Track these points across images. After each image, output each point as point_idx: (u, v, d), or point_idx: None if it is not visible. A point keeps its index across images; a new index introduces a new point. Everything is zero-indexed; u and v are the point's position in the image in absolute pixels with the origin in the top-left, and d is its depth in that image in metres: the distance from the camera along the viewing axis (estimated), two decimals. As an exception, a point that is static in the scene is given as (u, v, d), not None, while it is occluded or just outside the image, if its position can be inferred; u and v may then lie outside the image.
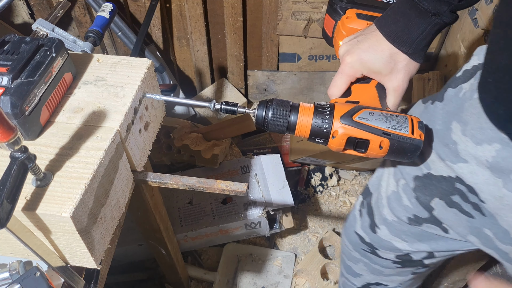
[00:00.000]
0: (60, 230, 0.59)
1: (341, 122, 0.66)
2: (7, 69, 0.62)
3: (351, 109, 0.67)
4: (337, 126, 0.66)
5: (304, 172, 1.87)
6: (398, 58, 0.69)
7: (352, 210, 1.04)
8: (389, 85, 0.71)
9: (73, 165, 0.61)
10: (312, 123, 0.67)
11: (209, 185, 0.75)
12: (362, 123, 0.65)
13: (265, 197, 1.50)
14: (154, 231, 1.13)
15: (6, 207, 0.51)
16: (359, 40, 0.71)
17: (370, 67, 0.70)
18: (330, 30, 0.83)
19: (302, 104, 0.69)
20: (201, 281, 1.59)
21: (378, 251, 0.95)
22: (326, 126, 0.66)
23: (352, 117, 0.66)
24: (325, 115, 0.67)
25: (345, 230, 1.06)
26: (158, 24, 1.78)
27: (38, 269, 0.62)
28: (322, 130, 0.66)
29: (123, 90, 0.72)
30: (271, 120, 0.68)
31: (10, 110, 0.60)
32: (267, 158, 1.64)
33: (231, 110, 0.70)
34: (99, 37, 0.94)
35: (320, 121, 0.66)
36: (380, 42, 0.69)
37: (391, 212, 0.87)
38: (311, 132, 0.67)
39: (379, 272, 1.02)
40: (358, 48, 0.70)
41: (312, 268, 1.56)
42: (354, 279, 1.11)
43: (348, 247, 1.06)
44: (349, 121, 0.66)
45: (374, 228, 0.93)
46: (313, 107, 0.68)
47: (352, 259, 1.07)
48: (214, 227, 1.48)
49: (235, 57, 1.88)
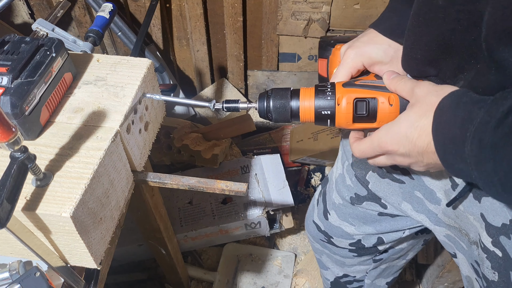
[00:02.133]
0: (60, 230, 0.59)
1: (344, 88, 0.64)
2: (7, 69, 0.62)
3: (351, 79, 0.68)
4: (341, 92, 0.64)
5: (304, 172, 1.87)
6: (398, 47, 0.70)
7: (312, 200, 1.09)
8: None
9: (73, 165, 0.61)
10: (315, 103, 0.65)
11: (209, 185, 0.75)
12: (365, 84, 0.65)
13: (265, 197, 1.50)
14: (154, 231, 1.13)
15: (6, 207, 0.51)
16: (359, 37, 0.74)
17: (372, 57, 0.71)
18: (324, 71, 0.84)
19: (302, 88, 0.67)
20: (201, 281, 1.59)
21: (333, 240, 1.00)
22: (330, 95, 0.64)
23: (355, 82, 0.66)
24: (326, 89, 0.65)
25: (306, 221, 1.11)
26: (158, 24, 1.78)
27: (38, 269, 0.62)
28: (326, 100, 0.64)
29: (123, 90, 0.72)
30: (273, 110, 0.66)
31: (10, 110, 0.60)
32: (267, 158, 1.64)
33: (233, 108, 0.69)
34: (99, 37, 0.94)
35: (323, 96, 0.64)
36: (379, 37, 0.72)
37: (338, 195, 0.93)
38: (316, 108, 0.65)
39: (341, 263, 1.07)
40: (359, 42, 0.73)
41: (312, 268, 1.56)
42: (326, 272, 1.16)
43: (310, 239, 1.11)
44: (352, 85, 0.65)
45: (326, 215, 0.99)
46: (313, 88, 0.67)
47: (317, 252, 1.12)
48: (214, 227, 1.48)
49: (235, 57, 1.88)
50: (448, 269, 1.32)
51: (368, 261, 1.04)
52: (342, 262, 1.06)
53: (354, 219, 0.93)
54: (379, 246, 0.97)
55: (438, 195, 0.73)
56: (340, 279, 1.13)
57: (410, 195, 0.79)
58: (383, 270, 1.09)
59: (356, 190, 0.88)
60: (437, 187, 0.72)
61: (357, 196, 0.88)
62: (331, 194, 0.96)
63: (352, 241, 0.98)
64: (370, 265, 1.06)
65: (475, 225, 0.66)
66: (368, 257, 1.03)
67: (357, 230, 0.94)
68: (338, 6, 1.66)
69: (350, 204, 0.91)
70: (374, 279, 1.11)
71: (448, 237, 0.77)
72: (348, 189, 0.89)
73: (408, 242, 1.00)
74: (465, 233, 0.70)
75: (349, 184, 0.89)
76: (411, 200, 0.79)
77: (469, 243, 0.70)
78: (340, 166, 0.93)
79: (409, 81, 0.60)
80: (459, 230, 0.72)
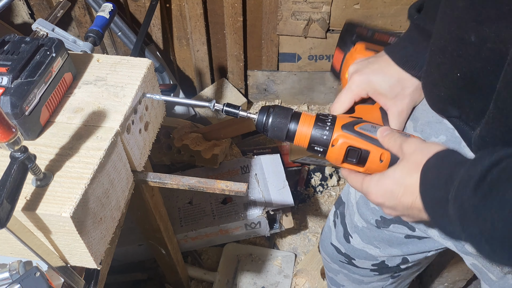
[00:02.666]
0: (60, 230, 0.59)
1: (342, 131, 0.65)
2: (7, 69, 0.62)
3: (353, 120, 0.67)
4: (337, 134, 0.65)
5: (304, 172, 1.87)
6: (406, 84, 0.69)
7: (327, 222, 1.05)
8: (394, 109, 0.70)
9: (73, 165, 0.61)
10: (312, 132, 0.66)
11: (209, 185, 0.75)
12: (364, 133, 0.64)
13: (265, 197, 1.50)
14: (154, 231, 1.13)
15: (6, 207, 0.51)
16: (370, 62, 0.72)
17: (377, 88, 0.70)
18: (338, 64, 0.83)
19: (304, 113, 0.68)
20: (201, 281, 1.59)
21: (355, 261, 0.97)
22: (327, 133, 0.65)
23: (354, 126, 0.65)
24: (326, 123, 0.66)
25: (322, 242, 1.08)
26: (158, 24, 1.78)
27: (38, 269, 0.62)
28: (322, 137, 0.65)
29: (123, 90, 0.72)
30: (270, 127, 0.67)
31: (10, 110, 0.60)
32: (267, 158, 1.64)
33: (232, 113, 0.69)
34: (99, 37, 0.94)
35: (321, 130, 0.65)
36: (390, 66, 0.69)
37: (361, 218, 0.89)
38: (311, 139, 0.66)
39: (359, 281, 1.04)
40: (368, 68, 0.70)
41: (312, 268, 1.56)
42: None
43: (326, 259, 1.07)
44: (351, 130, 0.65)
45: (348, 238, 0.95)
46: (314, 117, 0.67)
47: (332, 271, 1.08)
48: (214, 227, 1.48)
49: (235, 57, 1.88)
50: (448, 269, 1.32)
51: (387, 278, 1.01)
52: (361, 280, 1.03)
53: (380, 242, 0.89)
54: (402, 265, 0.94)
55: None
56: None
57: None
58: (399, 284, 1.06)
59: (381, 213, 0.84)
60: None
61: (383, 219, 0.84)
62: (353, 217, 0.92)
63: (375, 262, 0.94)
64: (388, 281, 1.02)
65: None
66: (388, 275, 0.99)
67: (382, 252, 0.90)
68: (338, 6, 1.66)
69: (375, 228, 0.87)
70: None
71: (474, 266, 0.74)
72: (373, 212, 0.85)
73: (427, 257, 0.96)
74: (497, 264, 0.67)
75: (373, 207, 0.85)
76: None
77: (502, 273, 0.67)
78: None
79: (399, 138, 0.61)
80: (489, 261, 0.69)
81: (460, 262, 1.27)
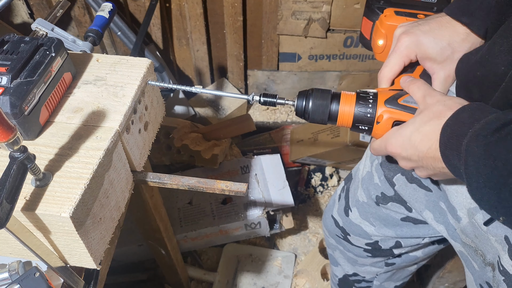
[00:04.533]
0: (60, 230, 0.59)
1: (386, 106, 0.63)
2: (6, 69, 0.62)
3: (396, 93, 0.65)
4: (381, 110, 0.63)
5: (304, 172, 1.86)
6: (457, 47, 0.66)
7: (333, 195, 1.08)
8: (441, 73, 0.68)
9: (73, 165, 0.61)
10: (354, 111, 0.64)
11: (209, 185, 0.75)
12: (409, 105, 0.63)
13: (265, 197, 1.50)
14: (154, 231, 1.13)
15: (5, 207, 0.51)
16: (420, 23, 0.69)
17: (426, 51, 0.67)
18: (368, 33, 0.81)
19: (343, 92, 0.66)
20: (201, 281, 1.59)
21: (350, 237, 0.99)
22: (370, 111, 0.63)
23: (398, 100, 0.64)
24: (368, 101, 0.64)
25: (324, 215, 1.10)
26: (158, 24, 1.77)
27: (37, 269, 0.61)
28: (366, 115, 0.64)
29: (122, 90, 0.72)
30: (311, 111, 0.65)
31: (10, 110, 0.59)
32: (267, 158, 1.64)
33: (270, 102, 0.68)
34: (98, 37, 0.93)
35: (364, 108, 0.64)
36: (442, 28, 0.67)
37: (363, 193, 0.91)
38: (354, 119, 0.65)
39: (353, 261, 1.06)
40: (418, 30, 0.67)
41: (312, 269, 1.56)
42: (336, 268, 1.15)
43: (325, 233, 1.10)
44: (395, 104, 0.63)
45: (347, 211, 0.97)
46: (355, 95, 0.66)
47: (331, 247, 1.11)
48: (214, 228, 1.48)
49: (235, 57, 1.88)
50: (448, 269, 1.32)
51: (380, 264, 1.03)
52: (355, 260, 1.05)
53: (376, 219, 0.91)
54: (395, 249, 0.96)
55: (459, 213, 0.71)
56: (349, 277, 1.12)
57: (434, 205, 0.77)
58: (393, 274, 1.08)
59: (383, 189, 0.86)
60: (460, 205, 0.70)
61: (384, 195, 0.86)
62: (356, 191, 0.94)
63: (369, 241, 0.96)
64: (382, 268, 1.04)
65: (495, 247, 0.64)
66: (381, 259, 1.02)
67: (376, 231, 0.92)
68: (338, 5, 1.66)
69: (374, 204, 0.90)
70: (383, 281, 1.10)
71: (460, 253, 0.76)
72: (375, 188, 0.88)
73: (423, 250, 0.99)
74: (481, 254, 0.68)
75: (376, 183, 0.87)
76: (434, 210, 0.78)
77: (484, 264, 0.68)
78: (368, 164, 0.91)
79: (422, 87, 0.61)
80: (474, 250, 0.70)
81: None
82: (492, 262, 0.66)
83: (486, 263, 0.68)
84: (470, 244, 0.71)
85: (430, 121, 0.56)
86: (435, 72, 0.69)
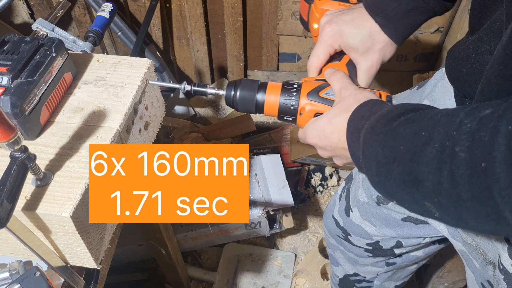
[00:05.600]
0: (60, 230, 0.59)
1: (308, 99, 0.66)
2: (7, 69, 0.62)
3: (318, 85, 0.67)
4: (304, 103, 0.66)
5: (304, 172, 1.87)
6: (377, 38, 0.68)
7: (334, 195, 1.08)
8: (363, 64, 0.70)
9: (73, 165, 0.61)
10: (279, 101, 0.67)
11: (209, 185, 0.75)
12: (329, 98, 0.65)
13: (265, 197, 1.50)
14: (154, 231, 1.13)
15: (6, 207, 0.51)
16: (343, 13, 0.70)
17: (348, 41, 0.68)
18: (305, 14, 0.83)
19: (270, 83, 0.69)
20: (201, 281, 1.59)
21: (351, 237, 0.99)
22: (293, 103, 0.66)
23: (319, 93, 0.66)
24: (292, 92, 0.67)
25: (325, 215, 1.10)
26: (158, 24, 1.78)
27: (38, 269, 0.62)
28: (289, 107, 0.67)
29: (123, 90, 0.72)
30: (239, 100, 0.68)
31: (10, 109, 0.60)
32: (267, 158, 1.64)
33: (201, 92, 0.70)
34: (99, 37, 0.94)
35: (288, 99, 0.67)
36: (364, 18, 0.68)
37: (364, 193, 0.91)
38: (279, 110, 0.67)
39: (354, 261, 1.06)
40: (341, 19, 0.69)
41: (312, 268, 1.56)
42: (336, 269, 1.15)
43: (326, 233, 1.10)
44: (316, 97, 0.66)
45: (348, 211, 0.97)
46: (280, 85, 0.68)
47: (331, 247, 1.11)
48: (214, 227, 1.48)
49: (235, 57, 1.88)
50: (448, 269, 1.32)
51: (381, 263, 1.03)
52: (355, 260, 1.05)
53: (377, 220, 0.91)
54: (396, 249, 0.96)
55: None
56: (350, 277, 1.12)
57: None
58: (394, 273, 1.08)
59: None
60: None
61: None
62: (357, 191, 0.94)
63: (370, 241, 0.96)
64: (383, 268, 1.04)
65: (496, 246, 0.64)
66: (382, 259, 1.01)
67: (377, 231, 0.92)
68: (338, 6, 1.66)
69: (375, 204, 0.89)
70: (384, 281, 1.10)
71: (461, 252, 0.76)
72: None
73: (424, 250, 0.99)
74: (482, 252, 0.69)
75: None
76: None
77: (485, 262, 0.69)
78: None
79: (341, 80, 0.63)
80: (475, 249, 0.71)
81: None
82: (493, 260, 0.67)
83: (487, 262, 0.68)
84: (471, 243, 0.71)
85: (341, 113, 0.58)
86: (358, 63, 0.70)
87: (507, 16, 0.48)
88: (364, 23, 0.67)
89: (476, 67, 0.59)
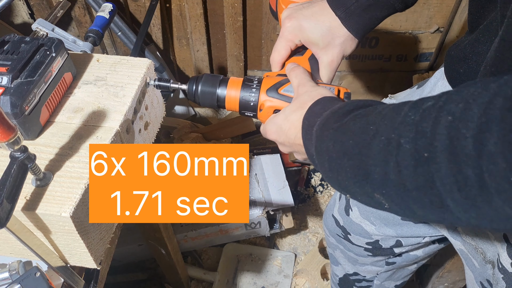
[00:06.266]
0: (60, 230, 0.59)
1: (267, 95, 0.67)
2: (7, 69, 0.62)
3: (278, 82, 0.67)
4: (263, 99, 0.67)
5: (304, 172, 1.87)
6: (337, 33, 0.67)
7: (334, 195, 1.08)
8: (324, 58, 0.69)
9: (73, 165, 0.61)
10: (240, 97, 0.67)
11: (209, 185, 0.75)
12: (287, 95, 0.66)
13: (265, 197, 1.50)
14: (154, 231, 1.13)
15: (5, 207, 0.51)
16: (304, 7, 0.69)
17: (308, 36, 0.68)
18: (274, 5, 0.83)
19: (232, 78, 0.69)
20: (201, 281, 1.59)
21: (350, 237, 0.99)
22: (253, 99, 0.67)
23: (278, 90, 0.67)
24: (252, 88, 0.67)
25: (325, 214, 1.11)
26: (158, 24, 1.78)
27: (38, 269, 0.62)
28: (249, 103, 0.67)
29: (123, 90, 0.72)
30: (200, 95, 0.68)
31: (10, 109, 0.60)
32: (267, 158, 1.64)
33: (164, 86, 0.71)
34: (99, 37, 0.94)
35: (247, 94, 0.67)
36: (323, 12, 0.67)
37: None
38: (240, 106, 0.68)
39: (354, 260, 1.06)
40: (301, 14, 0.68)
41: (312, 268, 1.56)
42: (336, 268, 1.15)
43: (326, 232, 1.10)
44: (275, 94, 0.67)
45: (348, 210, 0.97)
46: (241, 80, 0.69)
47: (331, 246, 1.11)
48: (214, 227, 1.48)
49: (235, 57, 1.88)
50: (448, 269, 1.32)
51: (381, 263, 1.03)
52: (355, 260, 1.05)
53: (376, 218, 0.91)
54: (396, 248, 0.96)
55: None
56: (350, 277, 1.12)
57: None
58: (394, 273, 1.08)
59: None
60: None
61: None
62: None
63: (369, 241, 0.97)
64: (382, 267, 1.05)
65: (495, 245, 0.65)
66: (382, 258, 1.02)
67: (377, 230, 0.93)
68: (338, 6, 1.66)
69: None
70: (383, 281, 1.10)
71: (460, 251, 0.76)
72: None
73: (424, 249, 0.99)
74: (481, 251, 0.69)
75: None
76: None
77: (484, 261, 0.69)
78: None
79: (299, 76, 0.64)
80: (474, 248, 0.71)
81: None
82: (492, 260, 0.67)
83: (486, 261, 0.68)
84: (470, 242, 0.72)
85: (297, 110, 0.59)
86: (319, 57, 0.70)
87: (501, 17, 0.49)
88: (324, 18, 0.67)
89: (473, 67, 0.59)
